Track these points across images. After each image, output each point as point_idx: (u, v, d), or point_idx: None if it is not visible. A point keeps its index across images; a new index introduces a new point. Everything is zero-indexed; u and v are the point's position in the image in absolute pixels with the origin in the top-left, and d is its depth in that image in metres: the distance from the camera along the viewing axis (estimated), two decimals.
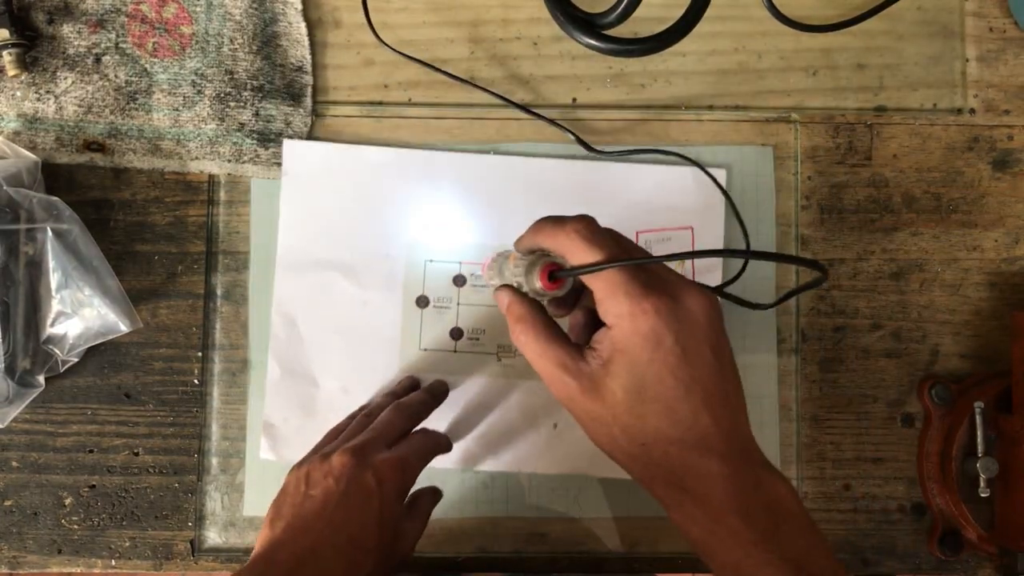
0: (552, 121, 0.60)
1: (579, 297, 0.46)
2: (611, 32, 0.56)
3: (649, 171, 0.60)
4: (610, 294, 0.40)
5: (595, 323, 0.43)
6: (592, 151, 0.60)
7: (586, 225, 0.41)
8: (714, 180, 0.60)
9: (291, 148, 0.59)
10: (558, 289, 0.42)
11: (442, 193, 0.60)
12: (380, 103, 0.61)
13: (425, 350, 0.60)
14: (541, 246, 0.43)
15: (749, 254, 0.41)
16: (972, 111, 0.62)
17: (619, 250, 0.41)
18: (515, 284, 0.44)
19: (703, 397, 0.40)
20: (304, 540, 0.46)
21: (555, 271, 0.42)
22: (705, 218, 0.60)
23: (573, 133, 0.60)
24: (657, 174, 0.60)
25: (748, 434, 0.42)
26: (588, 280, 0.41)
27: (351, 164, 0.60)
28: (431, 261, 0.60)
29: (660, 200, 0.60)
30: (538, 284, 0.42)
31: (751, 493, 0.39)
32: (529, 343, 0.42)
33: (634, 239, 0.60)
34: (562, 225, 0.41)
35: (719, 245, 0.60)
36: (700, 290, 0.40)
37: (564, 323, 0.46)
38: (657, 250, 0.60)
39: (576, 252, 0.41)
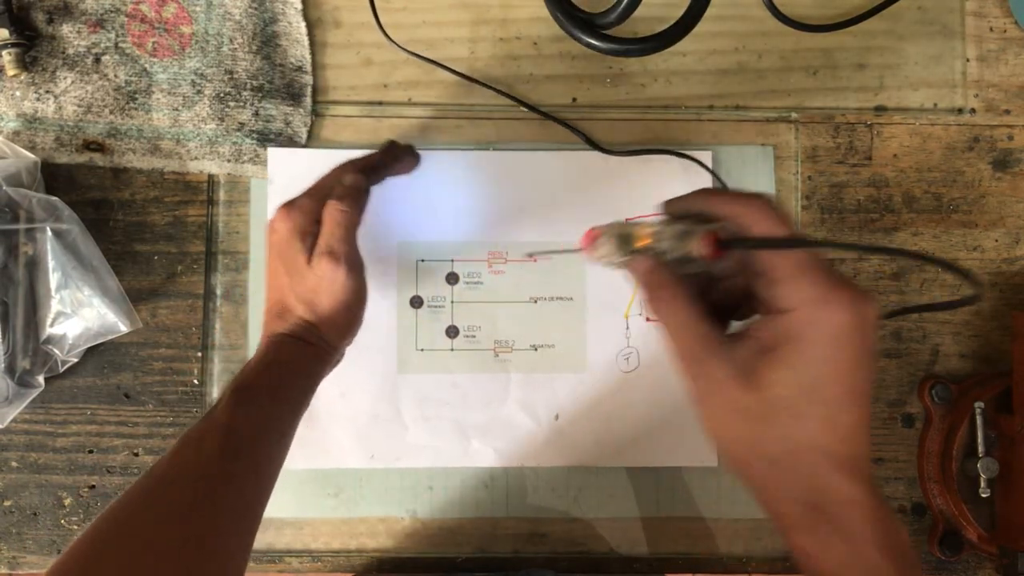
0: (564, 123, 0.60)
1: (712, 283, 0.41)
2: (611, 32, 0.56)
3: (638, 161, 0.60)
4: (796, 275, 0.35)
5: (729, 310, 0.40)
6: (605, 152, 0.60)
7: (772, 199, 0.37)
8: (707, 168, 0.60)
9: (276, 156, 0.59)
10: (717, 260, 0.37)
11: (430, 191, 0.60)
12: (380, 103, 0.61)
13: (422, 350, 0.60)
14: (709, 212, 0.38)
15: (925, 258, 0.37)
16: (972, 111, 0.62)
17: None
18: (654, 251, 0.40)
19: (863, 412, 0.35)
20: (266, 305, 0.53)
21: (725, 240, 0.37)
22: None
23: (583, 135, 0.60)
24: (646, 163, 0.60)
25: None
26: (768, 257, 0.36)
27: None
28: (423, 261, 0.60)
29: (650, 189, 0.60)
30: (699, 250, 0.37)
31: (892, 529, 0.35)
32: (674, 312, 0.37)
33: None
34: (745, 195, 0.37)
35: None
36: (868, 293, 0.36)
37: None
38: None
39: (763, 223, 0.36)
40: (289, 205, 0.51)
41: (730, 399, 0.36)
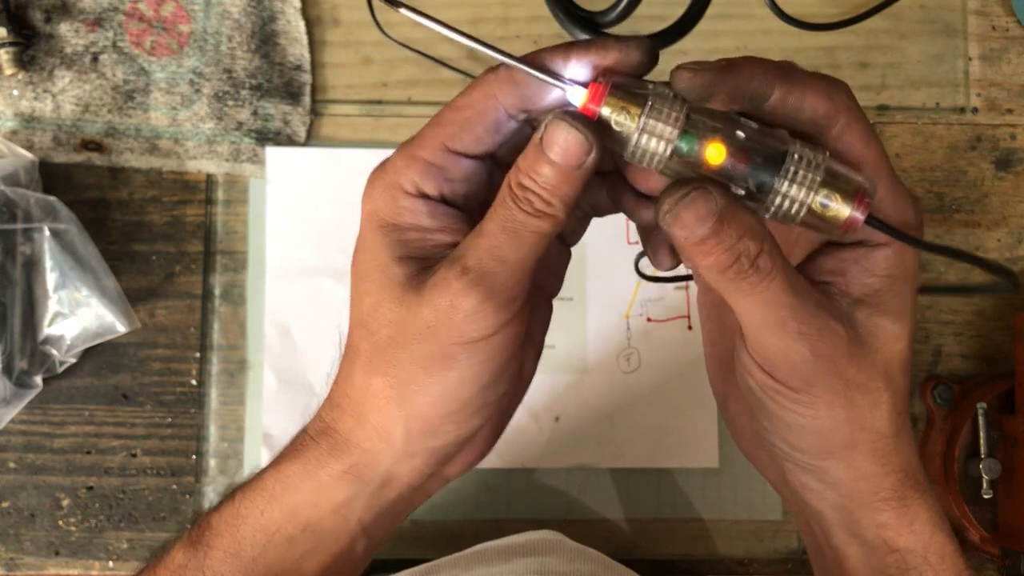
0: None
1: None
2: (612, 30, 0.55)
3: None
4: (893, 194, 0.27)
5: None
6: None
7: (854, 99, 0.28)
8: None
9: (275, 155, 0.59)
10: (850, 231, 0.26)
11: None
12: (379, 102, 0.60)
13: None
14: (784, 112, 0.26)
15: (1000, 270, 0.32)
16: (975, 110, 0.62)
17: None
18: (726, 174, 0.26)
19: None
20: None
21: (873, 213, 0.26)
22: None
23: None
24: None
25: None
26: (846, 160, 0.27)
27: (336, 168, 0.59)
28: None
29: None
30: (845, 211, 0.25)
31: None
32: (782, 286, 0.26)
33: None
34: (833, 89, 0.27)
35: None
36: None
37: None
38: None
39: (871, 154, 0.27)
40: (411, 150, 0.28)
41: (847, 380, 0.27)
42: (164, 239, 0.59)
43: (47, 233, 0.54)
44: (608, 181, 0.29)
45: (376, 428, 0.29)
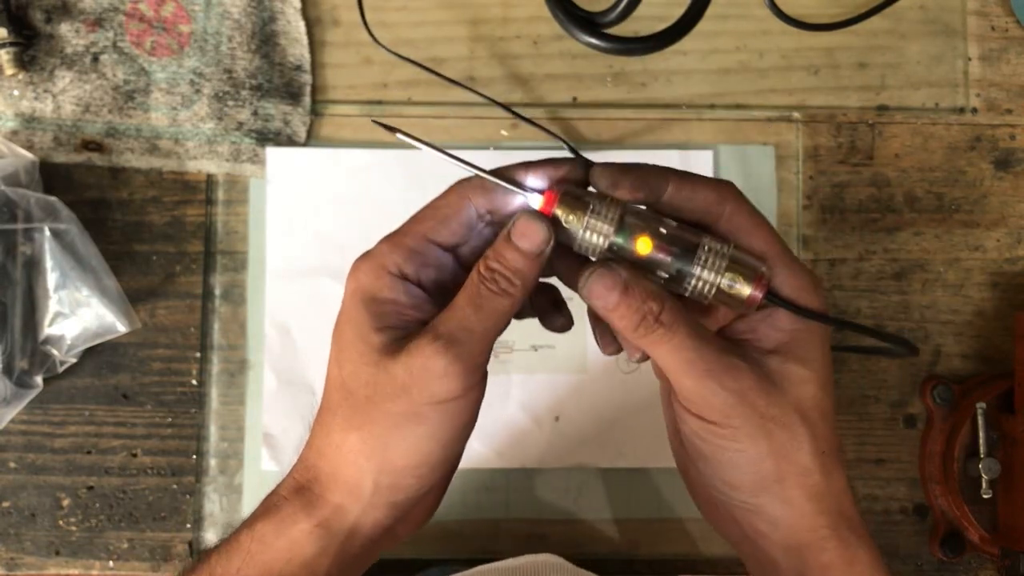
0: (543, 127, 0.60)
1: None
2: (611, 31, 0.55)
3: (634, 156, 0.60)
4: (788, 263, 0.32)
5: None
6: (580, 157, 0.60)
7: (738, 190, 0.33)
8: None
9: (275, 156, 0.59)
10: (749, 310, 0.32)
11: (428, 190, 0.59)
12: (379, 102, 0.61)
13: None
14: (672, 205, 0.32)
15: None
16: (974, 110, 0.62)
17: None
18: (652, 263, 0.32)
19: None
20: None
21: (772, 293, 0.31)
22: None
23: (564, 140, 0.60)
24: (642, 159, 0.60)
25: None
26: (744, 238, 0.32)
27: (337, 168, 0.59)
28: None
29: None
30: (747, 290, 0.31)
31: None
32: (684, 335, 0.30)
33: None
34: (713, 183, 0.32)
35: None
36: None
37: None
38: None
39: (760, 232, 0.32)
40: (396, 238, 0.34)
41: (764, 414, 0.31)
42: (164, 239, 0.59)
43: (47, 233, 0.54)
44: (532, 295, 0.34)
45: (347, 482, 0.32)
